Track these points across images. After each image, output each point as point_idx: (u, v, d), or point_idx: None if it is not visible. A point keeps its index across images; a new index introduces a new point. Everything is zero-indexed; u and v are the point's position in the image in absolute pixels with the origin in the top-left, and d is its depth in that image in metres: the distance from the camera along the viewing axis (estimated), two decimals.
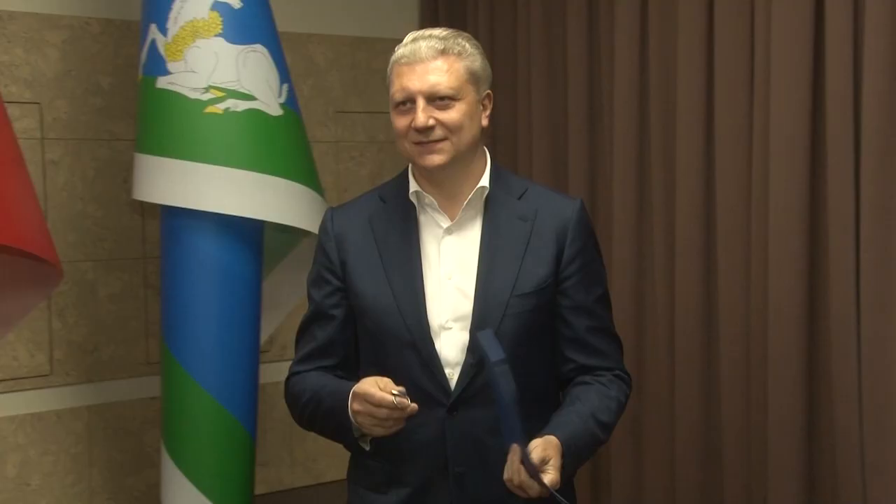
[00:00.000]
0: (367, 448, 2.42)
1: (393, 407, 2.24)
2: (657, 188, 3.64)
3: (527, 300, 2.40)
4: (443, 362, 2.38)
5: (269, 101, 3.15)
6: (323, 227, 2.60)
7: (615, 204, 3.76)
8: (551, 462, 2.22)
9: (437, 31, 2.43)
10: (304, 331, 2.59)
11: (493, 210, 2.47)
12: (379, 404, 2.24)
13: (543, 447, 2.23)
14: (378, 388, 2.26)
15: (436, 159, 2.36)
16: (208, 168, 3.06)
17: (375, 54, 4.11)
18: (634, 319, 3.75)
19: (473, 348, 2.37)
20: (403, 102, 2.37)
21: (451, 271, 2.45)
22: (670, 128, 3.59)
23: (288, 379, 2.54)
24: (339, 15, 4.06)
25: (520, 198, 2.49)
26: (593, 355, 2.46)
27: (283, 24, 3.29)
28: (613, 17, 3.65)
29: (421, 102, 2.35)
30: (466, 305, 2.41)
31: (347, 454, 2.58)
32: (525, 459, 2.19)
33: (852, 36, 3.06)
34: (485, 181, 2.46)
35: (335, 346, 2.53)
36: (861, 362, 3.12)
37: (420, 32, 2.43)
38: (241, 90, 3.08)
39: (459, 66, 2.39)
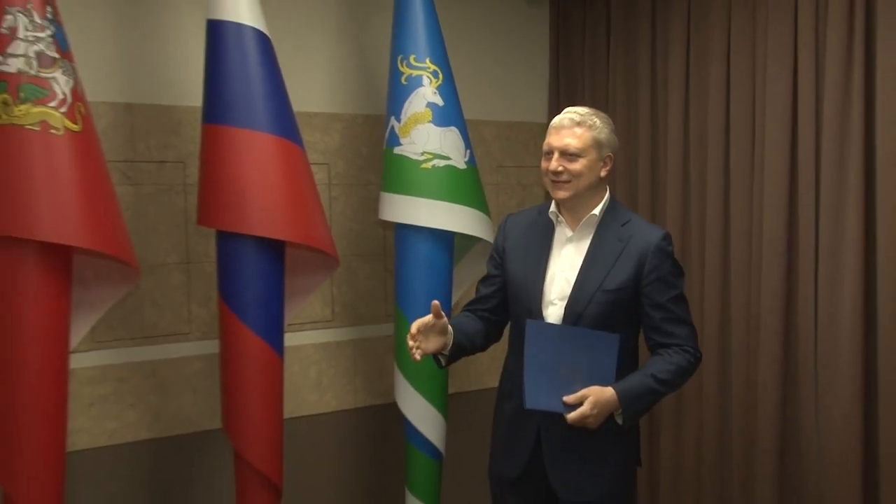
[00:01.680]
0: (438, 365, 2.61)
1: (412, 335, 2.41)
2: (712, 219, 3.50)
3: (608, 295, 2.45)
4: None
5: (458, 160, 3.31)
6: (501, 224, 2.74)
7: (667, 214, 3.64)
8: (587, 400, 2.35)
9: (581, 109, 2.54)
10: (477, 286, 2.77)
11: (601, 231, 2.52)
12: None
13: (590, 391, 2.37)
14: (422, 321, 2.43)
15: (561, 194, 2.49)
16: (422, 200, 3.25)
17: (521, 131, 4.19)
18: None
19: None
20: (548, 152, 2.50)
21: (564, 267, 2.53)
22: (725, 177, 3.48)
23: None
24: (500, 109, 4.11)
25: (623, 225, 2.52)
26: (667, 337, 2.49)
27: (467, 114, 3.45)
28: (668, 118, 3.64)
29: (556, 154, 2.47)
30: (567, 290, 2.49)
31: (500, 370, 2.77)
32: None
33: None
34: (596, 211, 2.52)
35: (489, 299, 2.70)
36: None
37: (570, 108, 2.55)
38: (442, 154, 3.26)
39: (588, 135, 2.47)
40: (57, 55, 2.57)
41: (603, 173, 2.53)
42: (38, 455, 2.61)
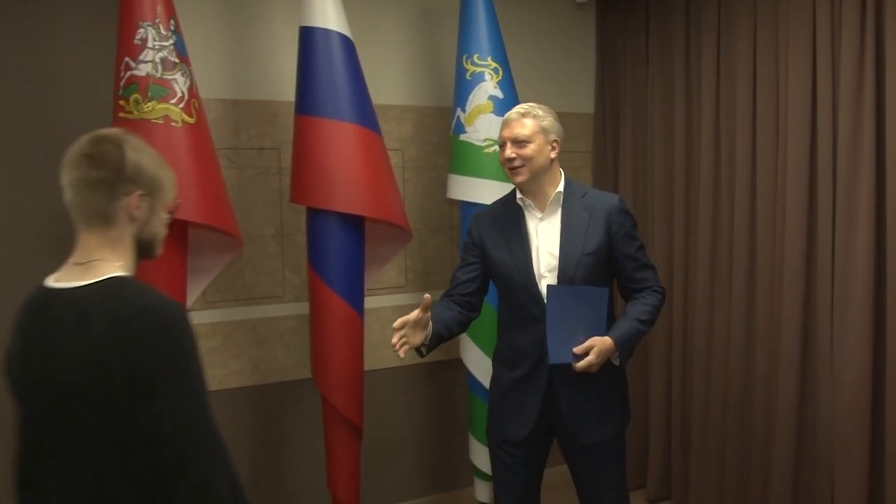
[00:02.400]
0: (419, 355, 2.51)
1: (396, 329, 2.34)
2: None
3: (590, 257, 2.51)
4: (543, 296, 2.50)
5: None
6: (471, 221, 2.73)
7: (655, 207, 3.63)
8: (593, 350, 2.39)
9: (526, 104, 2.57)
10: (454, 275, 2.74)
11: (566, 205, 2.56)
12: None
13: (593, 341, 2.40)
14: (406, 318, 2.35)
15: (518, 178, 2.53)
16: (485, 181, 3.29)
17: (571, 121, 4.16)
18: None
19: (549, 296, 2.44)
20: (502, 144, 2.54)
21: (544, 243, 2.55)
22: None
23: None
24: (552, 100, 3.84)
25: (582, 197, 2.57)
26: (638, 282, 2.58)
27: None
28: (700, 106, 3.63)
29: (508, 143, 2.52)
30: (554, 262, 2.52)
31: None
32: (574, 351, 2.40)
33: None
34: (560, 188, 2.57)
35: (469, 284, 2.66)
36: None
37: (518, 105, 2.59)
38: None
39: (533, 123, 2.51)
40: (177, 60, 2.76)
41: (553, 155, 2.55)
42: None
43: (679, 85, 3.78)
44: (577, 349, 2.41)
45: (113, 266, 1.59)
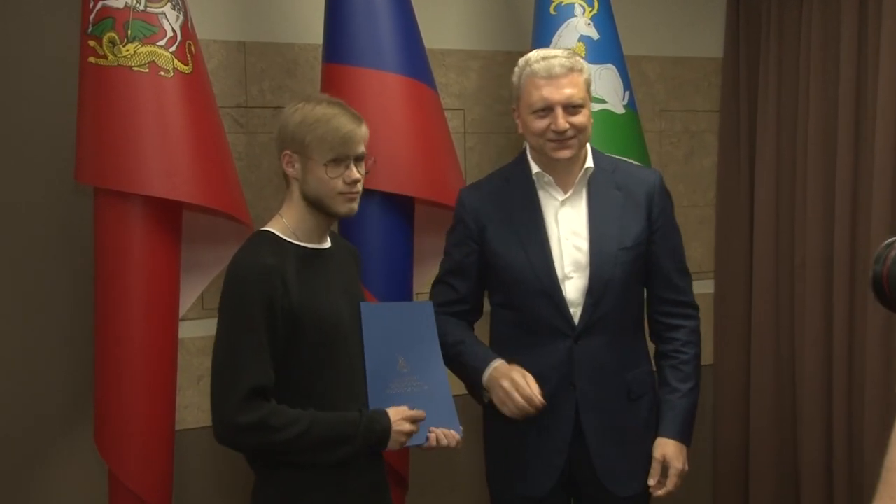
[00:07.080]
0: (484, 402, 2.56)
1: (533, 406, 2.39)
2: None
3: (629, 252, 2.49)
4: (568, 303, 2.49)
5: (616, 103, 3.35)
6: (460, 202, 2.67)
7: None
8: (671, 467, 2.49)
9: (560, 52, 2.53)
10: (442, 281, 2.67)
11: (594, 184, 2.54)
12: (527, 398, 2.38)
13: (659, 453, 2.51)
14: (525, 382, 2.40)
15: (567, 153, 2.48)
16: None
17: (690, 69, 4.17)
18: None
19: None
20: (544, 109, 2.46)
21: (567, 234, 2.53)
22: None
23: None
24: (666, 42, 4.06)
25: (612, 172, 2.56)
26: (676, 291, 2.58)
27: (627, 49, 3.49)
28: (879, 52, 3.48)
29: (559, 110, 2.44)
30: (583, 258, 2.49)
31: None
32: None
33: None
34: (590, 162, 2.54)
35: (470, 297, 2.65)
36: None
37: (546, 52, 2.54)
38: (597, 96, 3.20)
39: (581, 80, 2.48)
40: None
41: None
42: (146, 433, 2.71)
43: (848, 20, 3.57)
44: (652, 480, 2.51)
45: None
